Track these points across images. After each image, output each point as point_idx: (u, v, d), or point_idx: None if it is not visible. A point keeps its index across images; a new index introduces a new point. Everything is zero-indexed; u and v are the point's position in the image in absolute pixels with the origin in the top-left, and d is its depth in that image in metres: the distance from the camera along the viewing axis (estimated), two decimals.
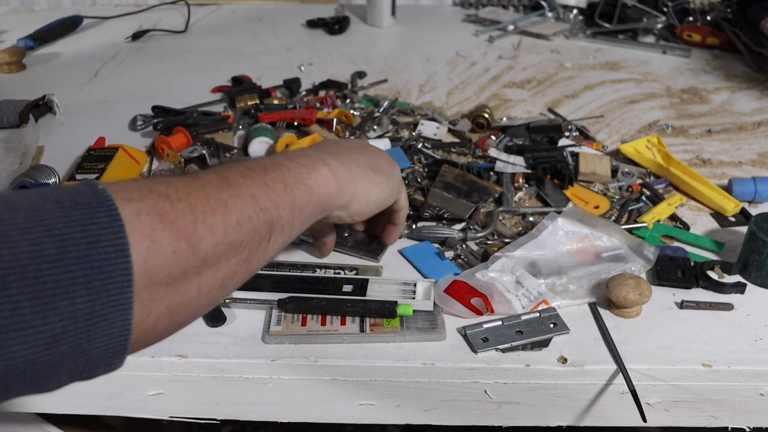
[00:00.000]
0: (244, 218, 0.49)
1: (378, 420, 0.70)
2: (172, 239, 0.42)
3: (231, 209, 0.48)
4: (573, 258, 0.77)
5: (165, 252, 0.42)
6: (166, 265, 0.42)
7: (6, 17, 1.67)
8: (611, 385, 0.66)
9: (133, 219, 0.41)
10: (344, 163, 0.63)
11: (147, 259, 0.41)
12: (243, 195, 0.50)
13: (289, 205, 0.54)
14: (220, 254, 0.46)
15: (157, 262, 0.41)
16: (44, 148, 1.04)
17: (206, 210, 0.46)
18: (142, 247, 0.40)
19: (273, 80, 1.26)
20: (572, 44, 1.51)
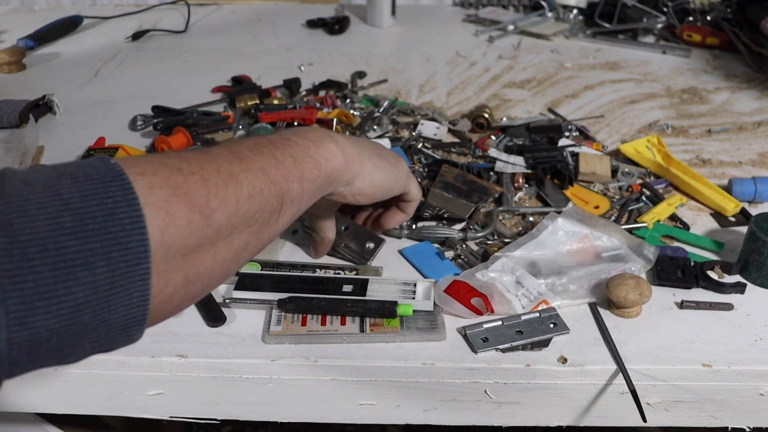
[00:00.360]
0: (255, 191, 0.50)
1: (378, 420, 0.70)
2: (186, 211, 0.43)
3: (242, 182, 0.49)
4: (573, 258, 0.77)
5: (180, 224, 0.43)
6: (181, 236, 0.43)
7: (6, 17, 1.67)
8: (611, 385, 0.66)
9: (146, 192, 0.41)
10: (351, 142, 0.64)
11: (163, 231, 0.42)
12: (254, 169, 0.51)
13: (298, 178, 0.55)
14: (233, 226, 0.48)
15: (172, 234, 0.42)
16: (44, 148, 1.04)
17: (218, 183, 0.47)
18: (157, 219, 0.41)
19: (273, 80, 1.26)
20: (572, 44, 1.51)
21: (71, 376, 0.67)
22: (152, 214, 0.41)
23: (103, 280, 0.38)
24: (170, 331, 0.68)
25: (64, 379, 0.67)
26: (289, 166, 0.54)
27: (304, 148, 0.57)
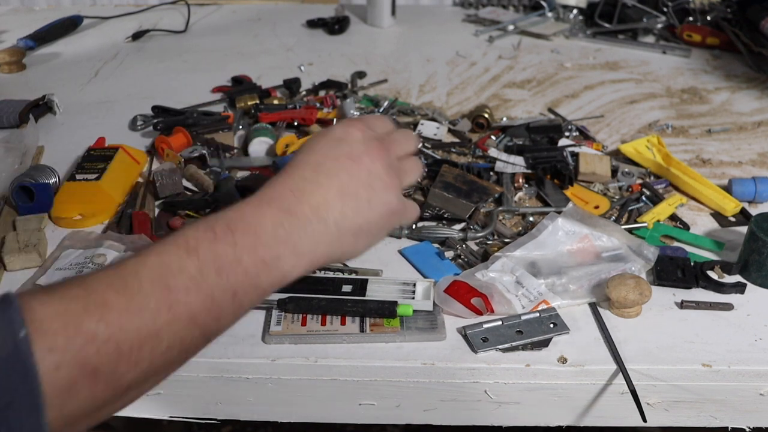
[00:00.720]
0: (177, 343, 0.46)
1: (378, 420, 0.70)
2: (90, 385, 0.41)
3: (163, 339, 0.44)
4: (573, 258, 0.77)
5: (82, 397, 0.41)
6: (83, 406, 0.41)
7: (6, 17, 1.67)
8: (611, 385, 0.66)
9: (52, 374, 0.39)
10: (328, 222, 0.53)
11: (62, 408, 0.40)
12: (180, 318, 0.45)
13: (234, 312, 0.49)
14: (145, 378, 0.45)
15: (72, 407, 0.40)
16: (44, 148, 1.04)
17: (134, 346, 0.43)
18: (57, 400, 0.39)
19: (273, 80, 1.26)
20: (572, 44, 1.51)
21: None
22: (54, 396, 0.39)
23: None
24: None
25: None
26: (225, 305, 0.48)
27: (260, 272, 0.49)
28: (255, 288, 0.49)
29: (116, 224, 0.84)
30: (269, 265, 0.49)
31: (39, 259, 0.77)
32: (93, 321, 0.42)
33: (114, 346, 0.42)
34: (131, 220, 0.83)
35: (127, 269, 0.45)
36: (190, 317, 0.46)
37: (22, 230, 0.81)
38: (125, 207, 0.87)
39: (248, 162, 1.00)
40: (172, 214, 0.86)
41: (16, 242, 0.78)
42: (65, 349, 0.40)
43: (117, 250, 0.76)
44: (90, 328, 0.41)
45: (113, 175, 0.90)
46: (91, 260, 0.74)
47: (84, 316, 0.42)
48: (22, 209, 0.85)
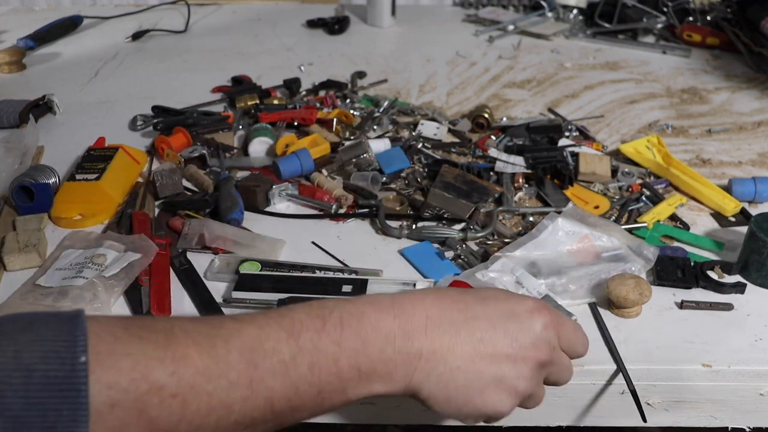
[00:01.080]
0: (246, 421, 0.43)
1: (378, 420, 0.70)
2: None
3: (233, 412, 0.42)
4: (573, 258, 0.77)
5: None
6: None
7: (6, 17, 1.67)
8: (611, 385, 0.66)
9: (105, 410, 0.37)
10: (435, 370, 0.48)
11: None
12: (258, 398, 0.43)
13: (311, 409, 0.46)
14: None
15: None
16: (44, 148, 1.04)
17: (201, 410, 0.41)
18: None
19: (273, 80, 1.26)
20: (572, 44, 1.51)
21: None
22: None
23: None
24: None
25: None
26: (307, 399, 0.45)
27: (351, 378, 0.46)
28: (341, 393, 0.47)
29: (116, 224, 0.84)
30: (362, 376, 0.47)
31: (39, 259, 0.77)
32: (165, 373, 0.40)
33: (179, 404, 0.40)
34: (131, 220, 0.83)
35: (220, 332, 0.43)
36: (267, 400, 0.43)
37: (22, 230, 0.81)
38: (125, 207, 0.87)
39: (248, 162, 1.00)
40: (172, 214, 0.86)
41: (16, 242, 0.78)
42: (126, 391, 0.38)
43: (117, 250, 0.76)
44: (159, 379, 0.40)
45: (113, 175, 0.90)
46: (91, 260, 0.74)
47: (156, 364, 0.40)
48: (22, 209, 0.85)
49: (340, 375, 0.46)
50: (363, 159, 0.94)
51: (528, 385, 0.51)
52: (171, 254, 0.78)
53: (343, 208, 0.88)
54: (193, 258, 0.79)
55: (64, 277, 0.73)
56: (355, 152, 0.95)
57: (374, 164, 0.95)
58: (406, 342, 0.48)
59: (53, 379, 0.36)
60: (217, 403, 0.41)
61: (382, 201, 0.88)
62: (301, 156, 0.93)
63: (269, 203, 0.90)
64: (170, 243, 0.80)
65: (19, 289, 0.73)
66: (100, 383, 0.38)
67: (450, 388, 0.49)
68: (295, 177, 0.94)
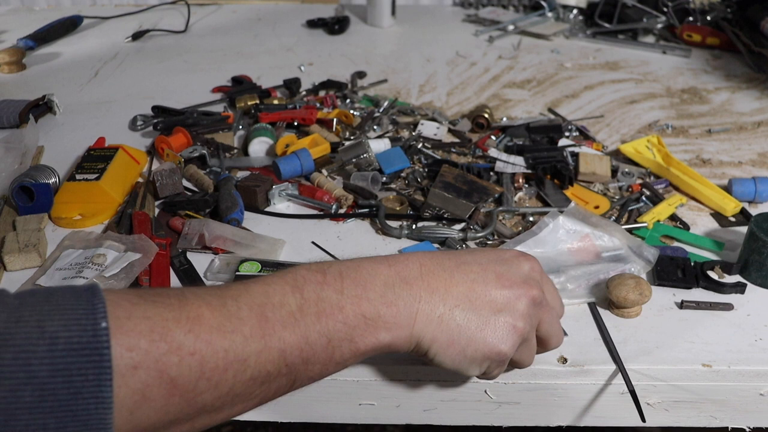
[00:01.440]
0: (262, 375, 0.44)
1: (378, 420, 0.70)
2: (165, 395, 0.40)
3: (249, 366, 0.44)
4: (573, 257, 0.77)
5: (155, 405, 0.40)
6: (153, 416, 0.40)
7: (6, 17, 1.67)
8: (611, 385, 0.66)
9: (127, 373, 0.38)
10: (435, 311, 0.51)
11: (133, 411, 0.39)
12: (272, 349, 0.44)
13: (323, 361, 0.48)
14: (222, 404, 0.44)
15: (143, 414, 0.39)
16: (44, 148, 1.04)
17: (218, 366, 0.42)
18: (129, 401, 0.39)
19: (273, 80, 1.26)
20: (572, 44, 1.51)
21: None
22: (125, 396, 0.38)
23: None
24: None
25: None
26: (318, 350, 0.47)
27: (357, 325, 0.48)
28: (349, 342, 0.48)
29: (116, 224, 0.84)
30: (367, 323, 0.49)
31: (39, 259, 0.77)
32: (182, 332, 0.41)
33: (198, 361, 0.41)
34: (131, 220, 0.83)
35: (229, 292, 0.45)
36: (280, 352, 0.45)
37: (22, 230, 0.81)
38: (125, 207, 0.87)
39: (248, 162, 1.00)
40: (172, 214, 0.86)
41: (16, 242, 0.78)
42: (147, 352, 0.39)
43: (117, 250, 0.76)
44: (177, 338, 0.41)
45: (113, 175, 0.90)
46: (91, 260, 0.74)
47: (173, 325, 0.41)
48: (22, 209, 0.85)
49: (346, 321, 0.48)
50: (363, 159, 0.94)
51: (525, 323, 0.53)
52: (171, 254, 0.78)
53: (343, 208, 0.89)
54: (193, 258, 0.79)
55: (64, 277, 0.73)
56: (355, 152, 0.95)
57: (374, 164, 0.95)
58: (404, 286, 0.51)
59: (76, 345, 0.37)
60: (233, 357, 0.43)
61: (382, 201, 0.88)
62: (301, 156, 0.93)
63: (269, 203, 0.90)
64: (170, 243, 0.80)
65: (19, 289, 0.73)
66: (122, 346, 0.39)
67: (452, 328, 0.51)
68: (295, 177, 0.94)
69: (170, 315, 0.42)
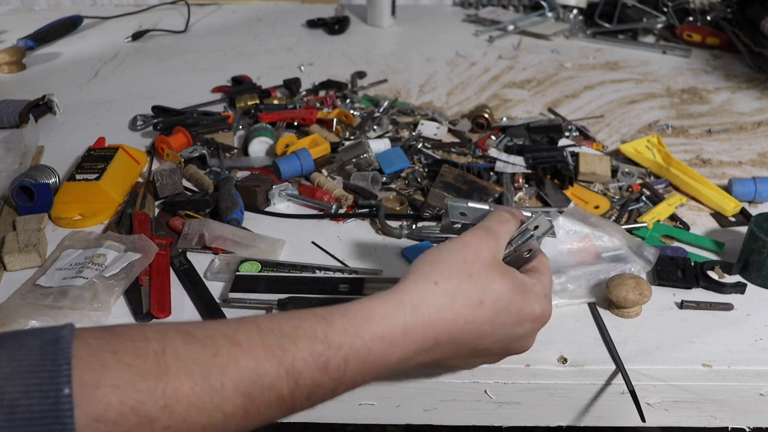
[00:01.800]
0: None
1: (378, 420, 0.70)
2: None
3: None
4: (573, 257, 0.77)
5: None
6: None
7: (6, 17, 1.67)
8: (611, 385, 0.66)
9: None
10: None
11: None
12: (254, 424, 0.43)
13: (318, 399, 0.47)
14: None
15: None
16: (44, 148, 1.04)
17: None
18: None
19: (273, 80, 1.26)
20: (572, 44, 1.51)
21: None
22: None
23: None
24: None
25: None
26: (304, 407, 0.46)
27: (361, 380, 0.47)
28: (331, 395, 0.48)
29: (116, 224, 0.84)
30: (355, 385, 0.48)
31: (39, 259, 0.77)
32: (156, 407, 0.39)
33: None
34: (131, 220, 0.83)
35: (215, 361, 0.41)
36: (263, 423, 0.44)
37: (22, 230, 0.81)
38: (125, 207, 0.87)
39: (248, 162, 1.00)
40: (172, 214, 0.86)
41: (16, 242, 0.78)
42: (115, 423, 0.37)
43: (117, 250, 0.76)
44: (149, 413, 0.38)
45: (113, 175, 0.90)
46: (91, 260, 0.74)
47: (146, 398, 0.38)
48: (22, 209, 0.85)
49: (334, 397, 0.47)
50: (363, 159, 0.94)
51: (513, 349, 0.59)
52: (171, 254, 0.78)
53: (343, 208, 0.88)
54: (193, 258, 0.79)
55: (64, 277, 0.73)
56: (355, 152, 0.95)
57: (374, 164, 0.95)
58: (405, 362, 0.50)
59: (37, 414, 0.35)
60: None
61: (382, 201, 0.88)
62: (301, 156, 0.93)
63: (269, 203, 0.90)
64: (170, 243, 0.80)
65: (19, 289, 0.73)
66: (87, 416, 0.36)
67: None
68: (295, 177, 0.94)
69: (144, 386, 0.39)
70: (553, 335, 0.69)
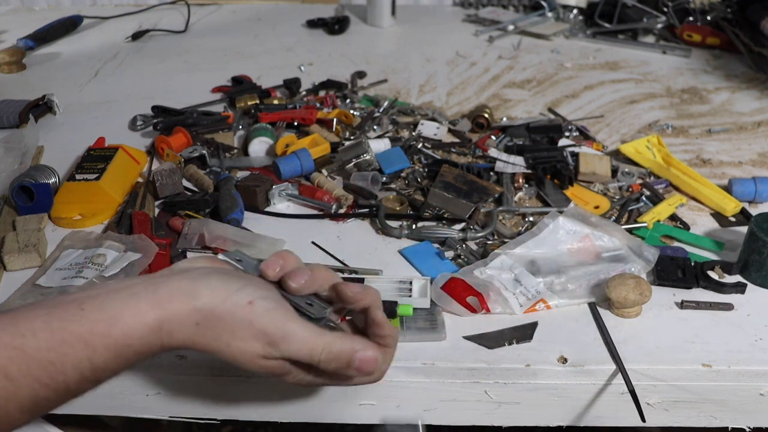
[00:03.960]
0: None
1: (377, 420, 0.70)
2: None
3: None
4: (573, 257, 0.77)
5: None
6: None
7: (6, 17, 1.67)
8: (611, 385, 0.66)
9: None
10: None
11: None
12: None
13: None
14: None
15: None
16: (44, 148, 1.04)
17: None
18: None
19: (273, 80, 1.26)
20: (572, 44, 1.51)
21: None
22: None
23: None
24: None
25: None
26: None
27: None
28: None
29: (116, 224, 0.84)
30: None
31: (39, 259, 0.77)
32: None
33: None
34: (131, 220, 0.83)
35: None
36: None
37: (22, 230, 0.81)
38: (125, 207, 0.87)
39: (248, 162, 1.00)
40: (172, 214, 0.86)
41: (16, 242, 0.78)
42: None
43: (117, 250, 0.76)
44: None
45: (113, 175, 0.90)
46: (91, 260, 0.74)
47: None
48: (22, 209, 0.85)
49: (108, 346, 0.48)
50: (363, 159, 0.94)
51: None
52: (171, 254, 0.78)
53: (343, 208, 0.88)
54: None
55: (64, 277, 0.73)
56: (355, 152, 0.95)
57: (374, 164, 0.95)
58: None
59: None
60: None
61: (382, 201, 0.88)
62: (301, 156, 0.93)
63: (269, 203, 0.90)
64: (170, 243, 0.80)
65: (19, 289, 0.73)
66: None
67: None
68: (295, 177, 0.94)
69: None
70: (553, 335, 0.69)
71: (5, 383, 0.45)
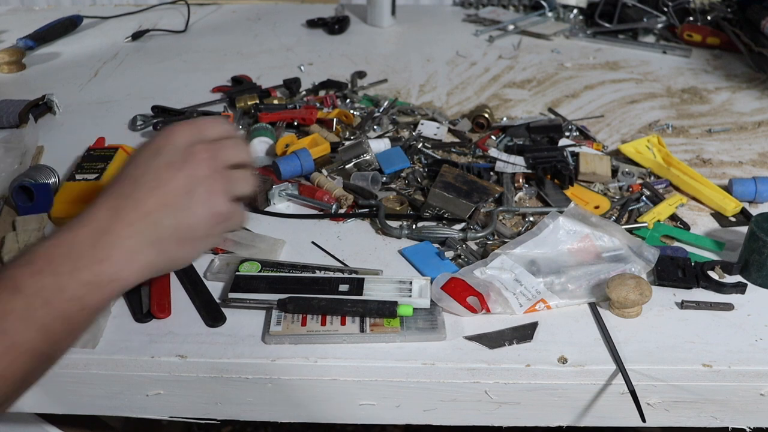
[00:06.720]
0: (18, 375, 0.48)
1: (378, 420, 0.70)
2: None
3: (7, 378, 0.48)
4: (573, 257, 0.77)
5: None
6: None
7: (6, 17, 1.67)
8: (611, 385, 0.66)
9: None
10: (146, 235, 0.55)
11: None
12: (23, 355, 0.48)
13: (75, 318, 0.52)
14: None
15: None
16: (44, 148, 1.04)
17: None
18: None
19: (273, 80, 1.26)
20: (572, 44, 1.51)
21: (71, 377, 0.67)
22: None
23: None
24: (170, 331, 0.68)
25: (63, 380, 0.67)
26: (61, 328, 0.50)
27: (87, 274, 0.52)
28: (84, 309, 0.51)
29: None
30: (93, 285, 0.52)
31: None
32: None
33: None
34: None
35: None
36: (30, 352, 0.48)
37: (21, 230, 0.81)
38: None
39: None
40: None
41: (16, 242, 0.78)
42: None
43: None
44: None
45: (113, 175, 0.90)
46: None
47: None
48: (22, 209, 0.85)
49: (73, 297, 0.51)
50: (363, 159, 0.94)
51: (214, 180, 0.57)
52: None
53: (343, 208, 0.88)
54: None
55: None
56: (355, 152, 0.95)
57: (374, 164, 0.95)
58: (105, 236, 0.53)
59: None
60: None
61: (382, 201, 0.88)
62: (301, 156, 0.93)
63: (269, 203, 0.90)
64: None
65: None
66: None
67: (169, 235, 0.56)
68: (295, 177, 0.94)
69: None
70: (553, 335, 0.69)
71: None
